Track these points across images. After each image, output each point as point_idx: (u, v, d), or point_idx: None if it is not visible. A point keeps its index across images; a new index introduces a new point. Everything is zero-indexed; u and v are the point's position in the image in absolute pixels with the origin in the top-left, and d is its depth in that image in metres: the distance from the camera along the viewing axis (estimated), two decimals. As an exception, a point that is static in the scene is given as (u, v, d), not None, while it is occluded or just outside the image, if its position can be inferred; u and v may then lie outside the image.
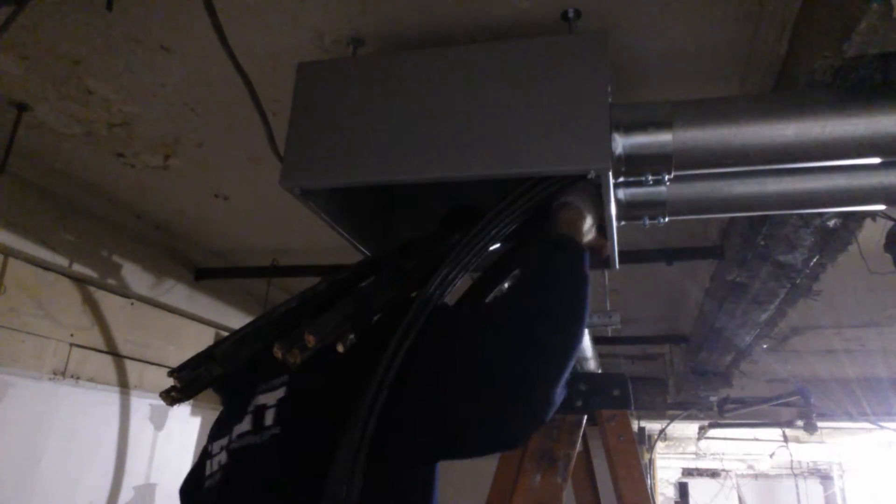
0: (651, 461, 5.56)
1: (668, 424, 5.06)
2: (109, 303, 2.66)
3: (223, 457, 0.96)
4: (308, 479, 0.84)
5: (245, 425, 0.95)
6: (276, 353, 0.83)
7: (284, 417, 0.91)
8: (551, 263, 0.96)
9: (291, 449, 0.88)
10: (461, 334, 0.91)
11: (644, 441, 5.43)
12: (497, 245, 1.09)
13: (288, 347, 0.83)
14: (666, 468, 8.60)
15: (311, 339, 0.84)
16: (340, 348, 0.87)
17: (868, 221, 1.65)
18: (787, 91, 1.29)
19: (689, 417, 4.82)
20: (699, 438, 6.97)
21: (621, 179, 1.15)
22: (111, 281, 2.55)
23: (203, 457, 1.02)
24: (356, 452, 0.78)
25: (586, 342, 2.20)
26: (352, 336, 0.89)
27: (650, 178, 1.14)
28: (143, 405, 2.89)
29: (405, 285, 1.07)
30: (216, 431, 1.02)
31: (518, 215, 1.08)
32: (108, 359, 2.67)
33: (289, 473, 0.86)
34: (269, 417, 0.92)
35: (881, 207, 1.33)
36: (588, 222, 1.11)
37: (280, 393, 0.94)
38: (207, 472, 0.98)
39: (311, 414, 0.91)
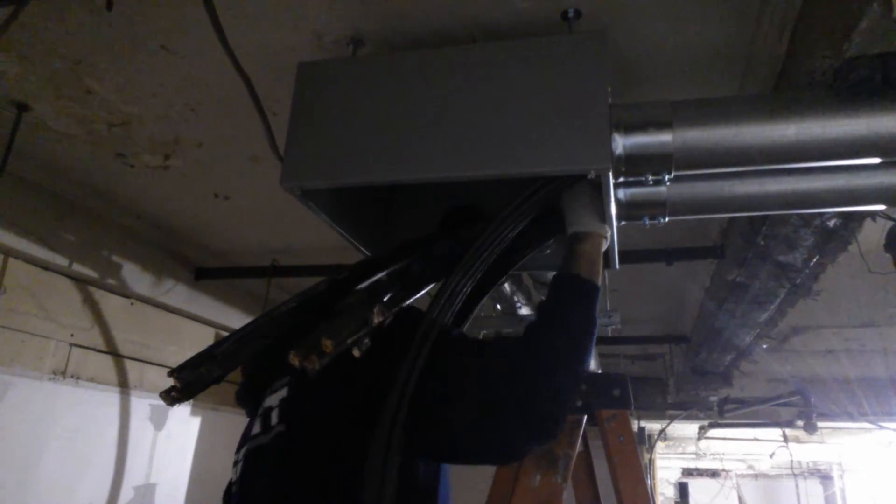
0: (651, 461, 5.56)
1: (668, 424, 5.05)
2: (109, 303, 2.66)
3: (241, 459, 1.00)
4: (313, 472, 0.87)
5: (256, 428, 0.99)
6: (292, 361, 0.81)
7: (287, 415, 0.94)
8: (569, 311, 0.99)
9: (296, 444, 0.91)
10: (487, 363, 0.93)
11: (644, 441, 5.43)
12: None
13: (305, 354, 0.81)
14: (666, 468, 8.60)
15: (328, 344, 0.83)
16: (356, 353, 0.87)
17: (868, 221, 1.65)
18: (787, 91, 1.29)
19: (689, 417, 4.82)
20: (699, 438, 6.97)
21: (621, 179, 1.15)
22: (111, 281, 2.55)
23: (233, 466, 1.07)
24: (386, 452, 0.82)
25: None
26: (367, 341, 0.88)
27: (650, 178, 1.14)
28: (143, 405, 2.89)
29: (414, 287, 1.09)
30: (240, 442, 1.06)
31: (521, 220, 1.10)
32: (108, 359, 2.67)
33: (295, 467, 0.89)
34: (275, 417, 0.96)
35: (881, 207, 1.32)
36: (605, 243, 1.15)
37: (283, 393, 0.98)
38: (232, 478, 1.02)
39: (313, 410, 0.94)
